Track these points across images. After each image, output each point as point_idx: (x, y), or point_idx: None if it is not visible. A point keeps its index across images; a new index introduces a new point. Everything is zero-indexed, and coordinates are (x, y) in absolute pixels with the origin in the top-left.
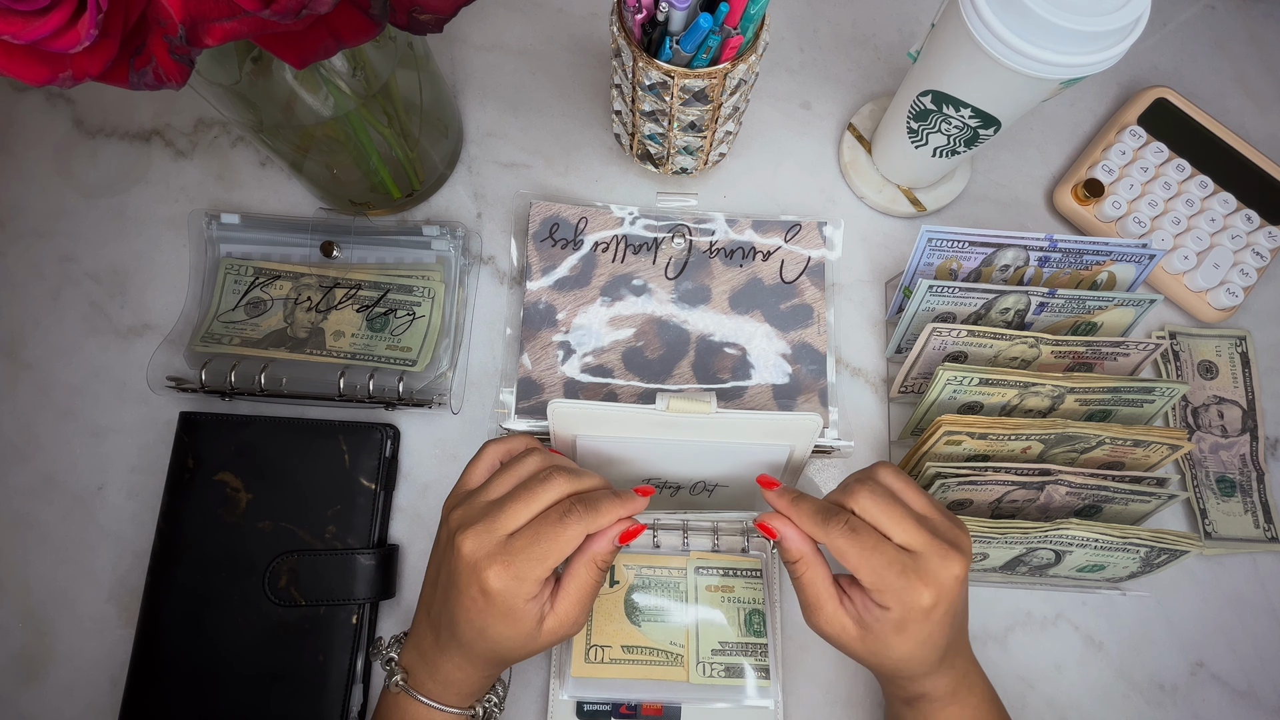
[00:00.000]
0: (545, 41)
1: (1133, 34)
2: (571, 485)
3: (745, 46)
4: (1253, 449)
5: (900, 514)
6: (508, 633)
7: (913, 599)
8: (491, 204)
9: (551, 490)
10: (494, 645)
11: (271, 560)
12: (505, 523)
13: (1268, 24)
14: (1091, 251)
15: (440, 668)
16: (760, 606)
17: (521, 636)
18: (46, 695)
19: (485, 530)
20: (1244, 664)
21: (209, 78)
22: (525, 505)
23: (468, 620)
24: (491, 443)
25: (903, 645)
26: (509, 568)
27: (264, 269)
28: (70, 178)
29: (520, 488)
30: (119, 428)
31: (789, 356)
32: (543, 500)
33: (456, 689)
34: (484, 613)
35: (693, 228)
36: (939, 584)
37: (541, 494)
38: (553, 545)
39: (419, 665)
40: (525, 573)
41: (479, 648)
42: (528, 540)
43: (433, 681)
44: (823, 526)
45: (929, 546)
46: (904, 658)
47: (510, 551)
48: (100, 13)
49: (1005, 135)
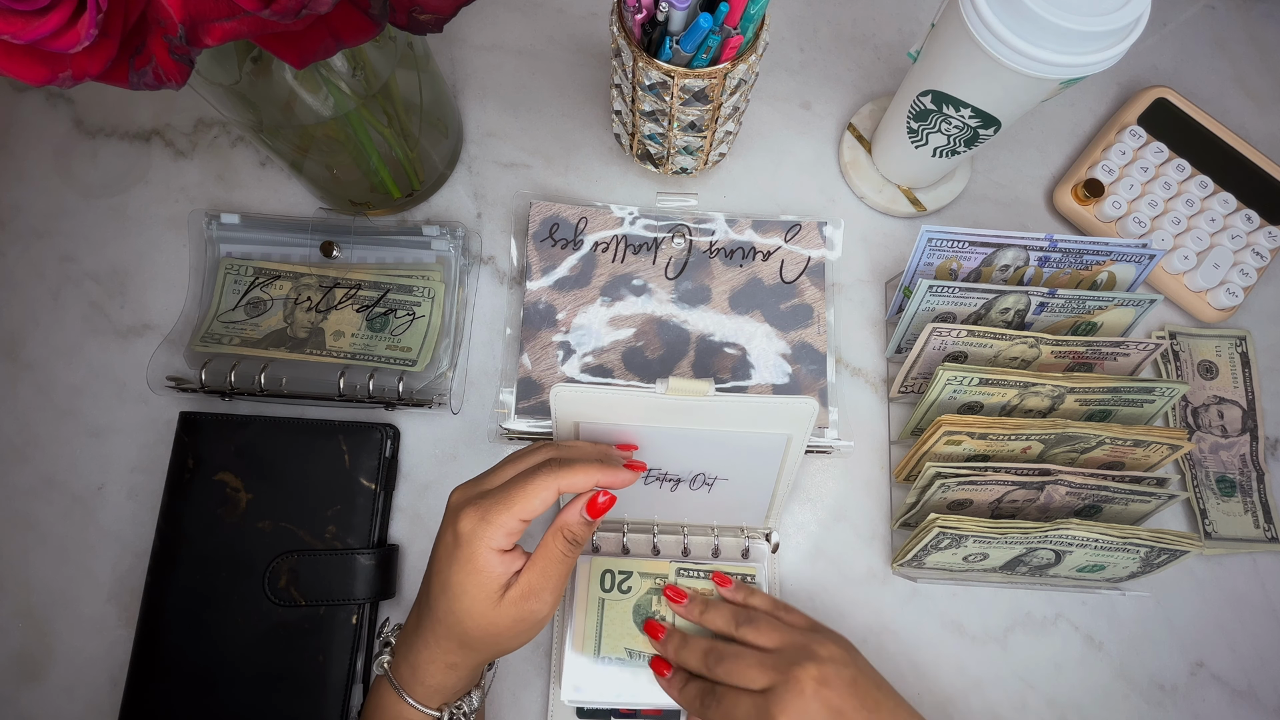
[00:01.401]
0: (545, 41)
1: (1133, 34)
2: (555, 451)
3: (745, 46)
4: (1253, 449)
5: (748, 663)
6: (469, 587)
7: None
8: (491, 204)
9: (536, 455)
10: (455, 605)
11: (271, 560)
12: (488, 481)
13: (1268, 24)
14: (1091, 251)
15: (413, 649)
16: None
17: (484, 595)
18: (46, 695)
19: (470, 487)
20: (1244, 664)
21: (209, 78)
22: (511, 466)
23: (437, 573)
24: None
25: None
26: (478, 510)
27: (264, 269)
28: (70, 178)
29: (510, 455)
30: (119, 428)
31: (789, 356)
32: (526, 464)
33: (423, 680)
34: (451, 559)
35: (693, 228)
36: (792, 711)
37: (527, 458)
38: (520, 493)
39: (400, 653)
40: (492, 517)
41: (441, 610)
42: (499, 490)
43: (405, 665)
44: (701, 711)
45: (776, 679)
46: None
47: (483, 499)
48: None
49: (1005, 135)
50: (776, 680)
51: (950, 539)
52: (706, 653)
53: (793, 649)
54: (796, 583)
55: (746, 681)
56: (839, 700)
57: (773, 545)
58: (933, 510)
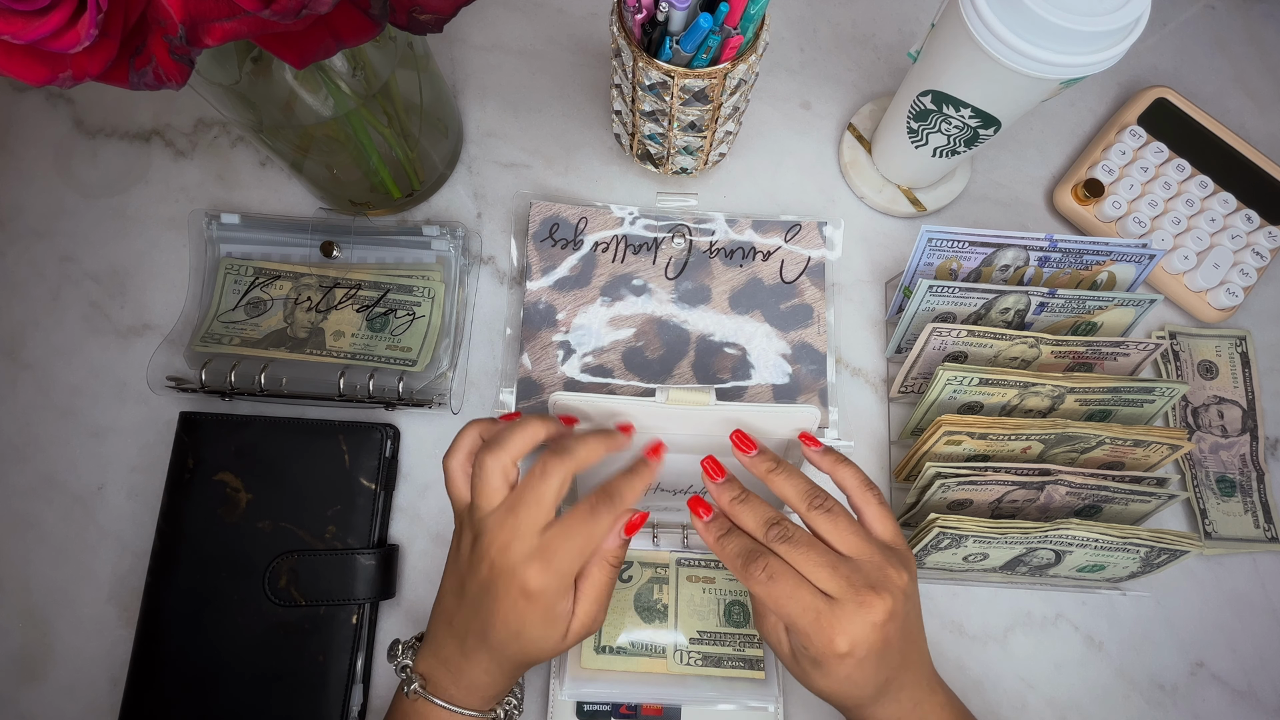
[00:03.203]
0: (545, 41)
1: (1133, 34)
2: (566, 465)
3: (745, 46)
4: (1253, 449)
5: (817, 560)
6: (543, 633)
7: (826, 646)
8: (491, 204)
9: (553, 479)
10: (526, 647)
11: (271, 560)
12: (527, 527)
13: (1268, 24)
14: (1091, 251)
15: (465, 673)
16: (741, 598)
17: (555, 637)
18: (46, 695)
19: (511, 540)
20: (1244, 664)
21: (209, 78)
22: (537, 506)
23: (504, 624)
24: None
25: (823, 681)
26: (549, 565)
27: (264, 269)
28: (70, 178)
29: (525, 488)
30: (119, 428)
31: (789, 356)
32: (550, 491)
33: (481, 693)
34: (524, 615)
35: (693, 228)
36: (852, 634)
37: (546, 487)
38: (587, 540)
39: (439, 671)
40: (563, 567)
41: (510, 650)
42: (562, 536)
43: (456, 687)
44: (743, 571)
45: (846, 593)
46: (828, 692)
47: (548, 550)
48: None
49: (1005, 135)
50: (847, 595)
51: (950, 539)
52: (770, 523)
53: (871, 567)
54: None
55: (812, 576)
56: (896, 638)
57: None
58: (933, 510)
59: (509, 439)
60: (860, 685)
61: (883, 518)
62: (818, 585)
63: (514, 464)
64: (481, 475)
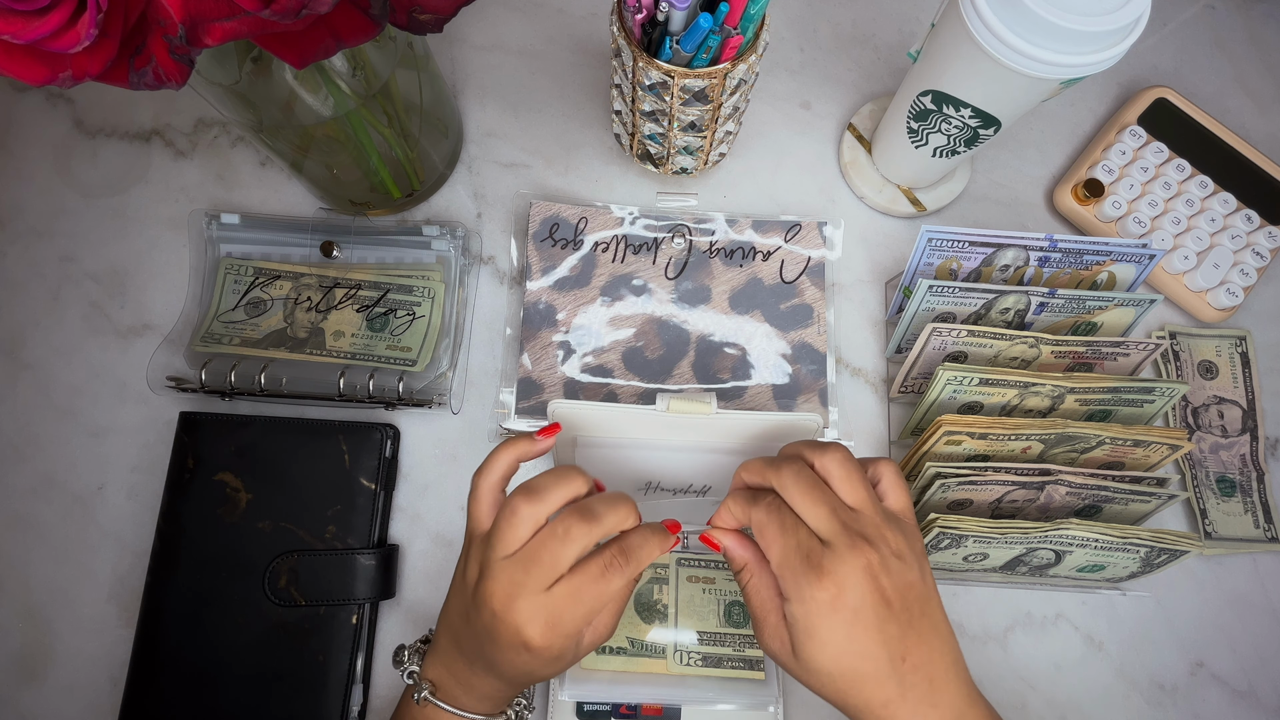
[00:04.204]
0: (545, 41)
1: (1133, 34)
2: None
3: (745, 46)
4: (1253, 449)
5: (817, 499)
6: (553, 669)
7: (810, 591)
8: (491, 204)
9: (572, 547)
10: (534, 676)
11: (271, 560)
12: (534, 583)
13: (1268, 24)
14: (1091, 251)
15: (474, 685)
16: (741, 598)
17: (565, 665)
18: (46, 695)
19: (516, 593)
20: (1244, 664)
21: (209, 78)
22: (550, 570)
23: (509, 664)
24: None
25: (822, 655)
26: (555, 627)
27: (264, 269)
28: (70, 178)
29: (541, 548)
30: (119, 428)
31: (789, 356)
32: (566, 560)
33: (491, 700)
34: (529, 661)
35: (693, 228)
36: (840, 575)
37: (563, 555)
38: (597, 602)
39: (448, 680)
40: (571, 629)
41: (519, 678)
42: (570, 599)
43: (467, 697)
44: (749, 504)
45: (839, 536)
46: (833, 668)
47: (553, 610)
48: (100, 13)
49: (1005, 135)
50: (840, 539)
51: (950, 539)
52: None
53: (869, 523)
54: None
55: (809, 515)
56: (898, 602)
57: None
58: (933, 510)
59: (549, 492)
60: (866, 653)
61: (897, 488)
62: (813, 527)
63: (546, 518)
64: (511, 520)
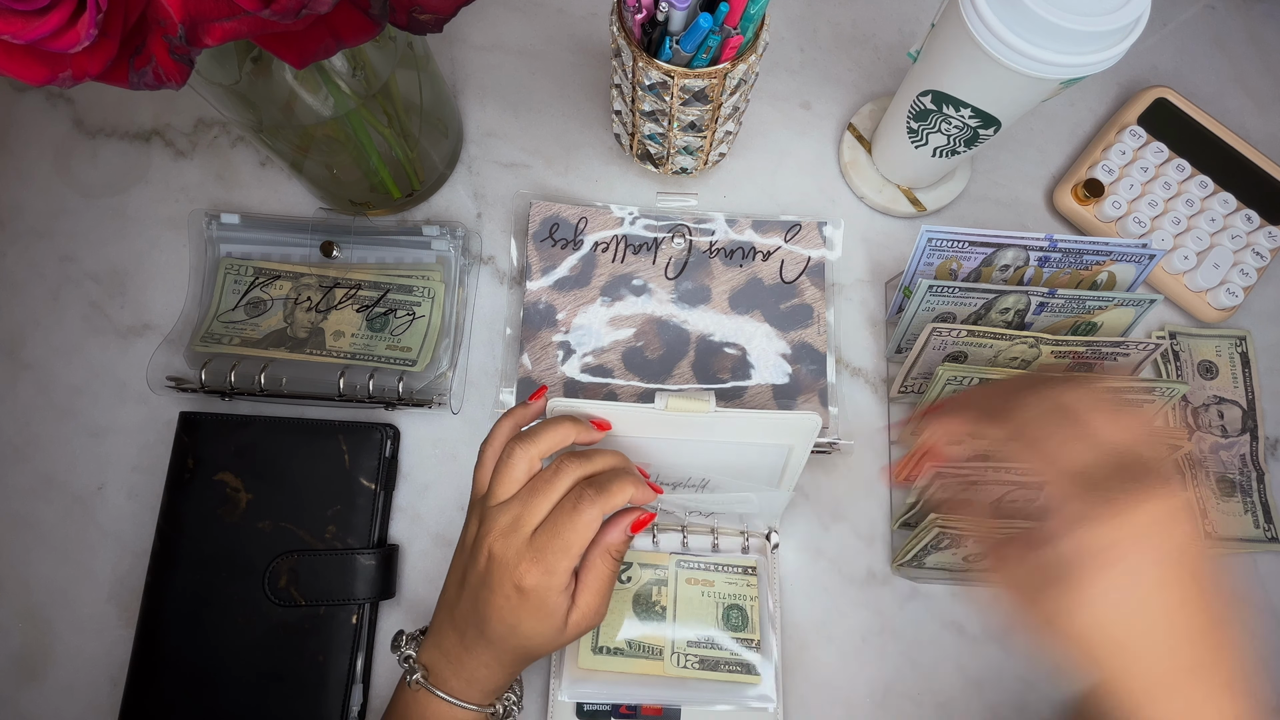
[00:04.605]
0: (545, 41)
1: (1133, 34)
2: (580, 468)
3: (745, 46)
4: (1253, 449)
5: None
6: (539, 627)
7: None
8: (491, 204)
9: (564, 479)
10: (524, 641)
11: (271, 560)
12: (528, 520)
13: (1268, 24)
14: (1091, 251)
15: (465, 665)
16: (740, 602)
17: (552, 630)
18: (46, 695)
19: (511, 530)
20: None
21: (209, 78)
22: (544, 498)
23: (500, 618)
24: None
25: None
26: (539, 563)
27: (264, 269)
28: (70, 178)
29: (537, 481)
30: (119, 428)
31: (789, 356)
32: (558, 490)
33: (481, 686)
34: (518, 610)
35: (693, 228)
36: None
37: (557, 484)
38: (573, 534)
39: (441, 663)
40: (555, 565)
41: (509, 644)
42: (549, 534)
43: (457, 679)
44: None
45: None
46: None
47: (537, 548)
48: (100, 13)
49: (1005, 135)
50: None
51: (950, 539)
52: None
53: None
54: (796, 582)
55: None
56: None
57: (772, 544)
58: (933, 510)
59: (541, 435)
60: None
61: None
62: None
63: (539, 459)
64: (508, 463)
